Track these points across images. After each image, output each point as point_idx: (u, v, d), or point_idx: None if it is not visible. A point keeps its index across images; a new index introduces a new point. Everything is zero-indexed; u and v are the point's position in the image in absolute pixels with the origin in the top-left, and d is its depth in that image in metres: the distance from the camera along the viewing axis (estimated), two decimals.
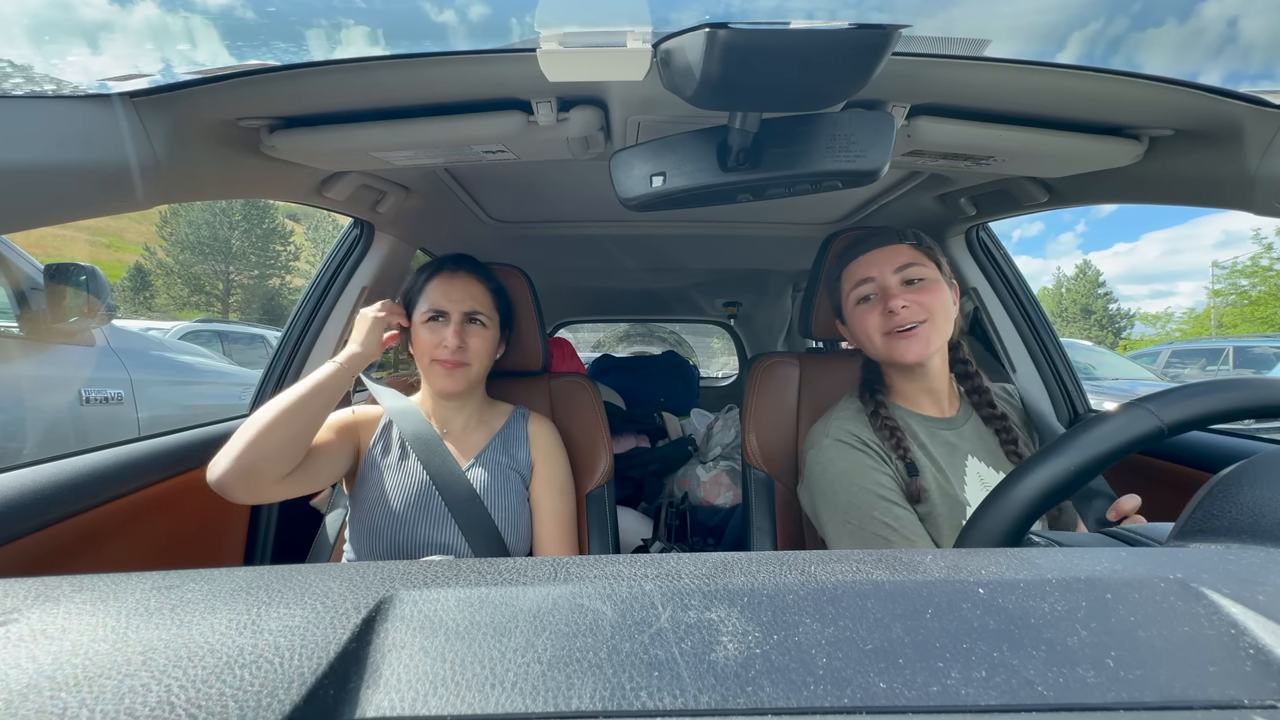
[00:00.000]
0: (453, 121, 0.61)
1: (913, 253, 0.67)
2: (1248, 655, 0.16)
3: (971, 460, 0.66)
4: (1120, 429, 0.32)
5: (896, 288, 0.66)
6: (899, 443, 0.65)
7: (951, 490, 0.63)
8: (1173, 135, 0.63)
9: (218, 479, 0.59)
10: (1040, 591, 0.19)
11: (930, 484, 0.63)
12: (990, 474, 0.66)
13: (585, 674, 0.16)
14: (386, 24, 2.44)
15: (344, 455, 0.72)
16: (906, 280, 0.66)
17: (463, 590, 0.19)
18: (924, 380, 0.69)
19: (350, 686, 0.16)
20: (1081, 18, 18.09)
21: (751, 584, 0.20)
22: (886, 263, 0.67)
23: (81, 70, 0.49)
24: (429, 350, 0.72)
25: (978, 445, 0.68)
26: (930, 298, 0.65)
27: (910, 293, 0.66)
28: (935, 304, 0.65)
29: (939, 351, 0.67)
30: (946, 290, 0.67)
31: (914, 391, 0.70)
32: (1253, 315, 18.14)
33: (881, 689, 0.16)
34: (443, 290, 0.74)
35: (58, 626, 0.17)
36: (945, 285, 0.67)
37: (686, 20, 0.40)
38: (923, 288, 0.66)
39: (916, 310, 0.65)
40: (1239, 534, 0.24)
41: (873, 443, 0.66)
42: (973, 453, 0.67)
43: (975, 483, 0.65)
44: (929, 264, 0.67)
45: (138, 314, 22.14)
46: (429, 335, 0.72)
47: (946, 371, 0.70)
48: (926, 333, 0.65)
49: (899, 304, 0.65)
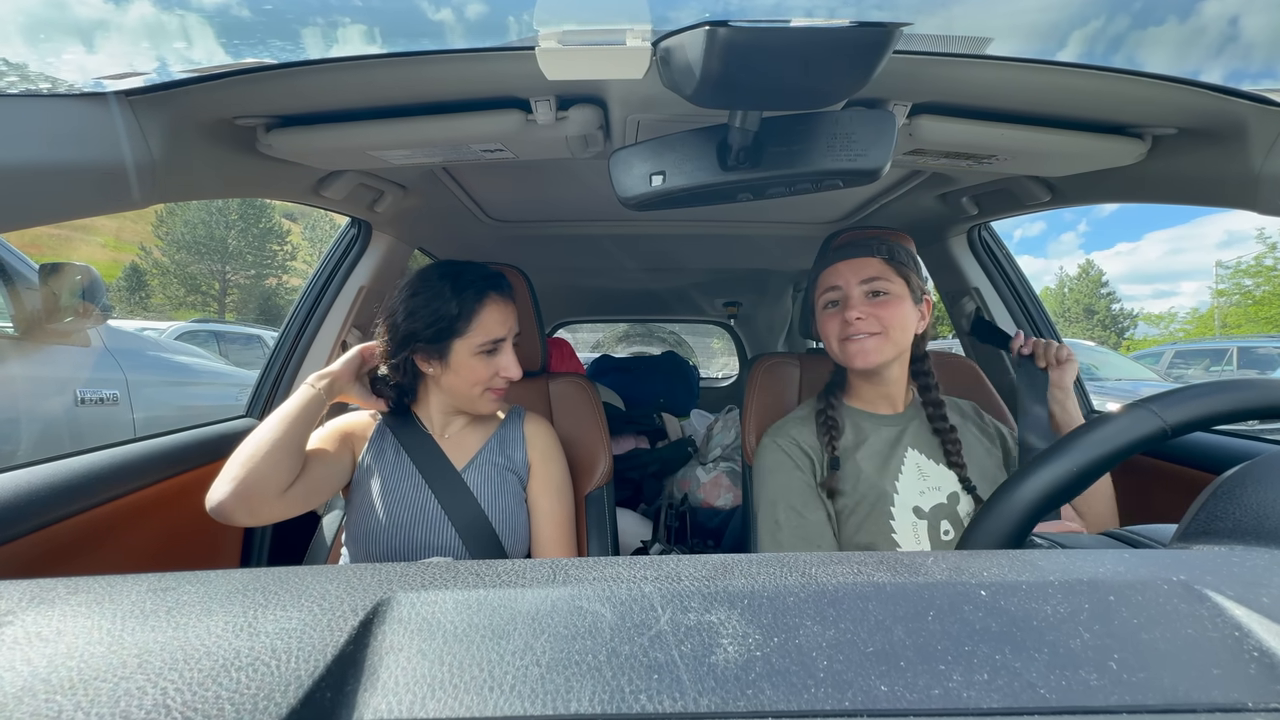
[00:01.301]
0: (451, 120, 0.61)
1: (881, 267, 0.70)
2: (1251, 658, 0.16)
3: (911, 452, 0.71)
4: (1123, 430, 0.32)
5: (858, 299, 0.70)
6: (830, 440, 0.72)
7: (880, 483, 0.69)
8: (1176, 134, 0.63)
9: (217, 505, 0.57)
10: (1043, 594, 0.19)
11: (855, 478, 0.70)
12: (930, 465, 0.71)
13: (584, 677, 0.16)
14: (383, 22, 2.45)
15: (342, 465, 0.71)
16: (870, 292, 0.70)
17: (461, 592, 0.19)
18: (881, 385, 0.74)
19: (348, 689, 0.16)
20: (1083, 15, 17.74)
21: (752, 586, 0.20)
22: (854, 274, 0.71)
23: (77, 69, 0.48)
24: (482, 380, 0.69)
25: (920, 439, 0.72)
26: (888, 312, 0.69)
27: (870, 305, 0.69)
28: (892, 319, 0.69)
29: (896, 361, 0.72)
30: (908, 306, 0.70)
31: (870, 393, 0.76)
32: (1257, 315, 18.11)
33: (883, 692, 0.15)
34: (499, 317, 0.69)
35: (53, 629, 0.17)
36: (909, 301, 0.70)
37: (686, 18, 0.40)
38: (883, 302, 0.69)
39: (872, 322, 0.69)
40: (1243, 536, 0.24)
41: (808, 446, 0.73)
42: (914, 445, 0.72)
43: (913, 471, 0.70)
44: (896, 280, 0.70)
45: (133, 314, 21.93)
46: (482, 364, 0.68)
47: (905, 377, 0.75)
48: (878, 344, 0.69)
49: (854, 315, 0.69)
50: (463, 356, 0.68)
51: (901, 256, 0.71)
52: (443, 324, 0.66)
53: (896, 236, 0.73)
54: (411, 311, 0.67)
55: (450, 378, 0.69)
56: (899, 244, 0.72)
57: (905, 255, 0.71)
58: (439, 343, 0.67)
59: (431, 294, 0.67)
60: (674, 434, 1.79)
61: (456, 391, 0.71)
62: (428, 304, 0.67)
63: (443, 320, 0.66)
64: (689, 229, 1.35)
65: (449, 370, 0.69)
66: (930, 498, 0.68)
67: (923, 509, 0.68)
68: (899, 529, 0.67)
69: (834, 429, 0.72)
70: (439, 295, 0.67)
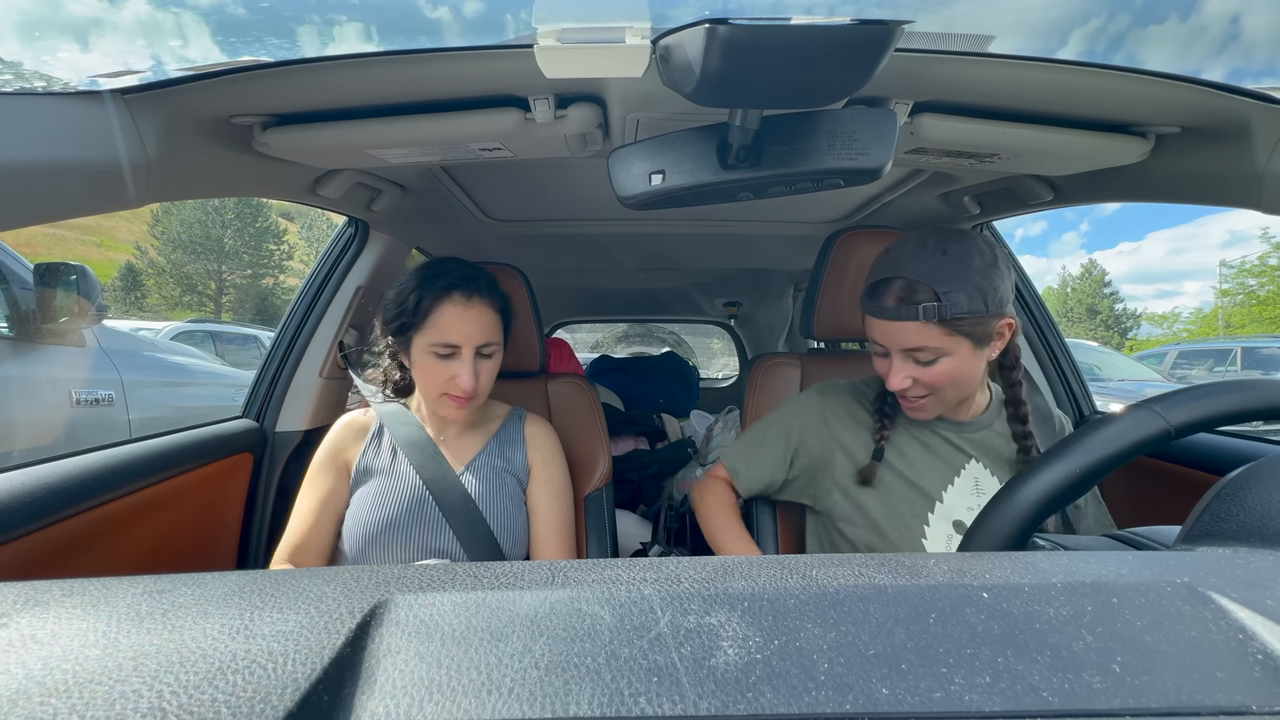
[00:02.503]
0: (449, 119, 0.61)
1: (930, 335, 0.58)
2: (1256, 660, 0.16)
3: (973, 464, 0.66)
4: (1126, 431, 0.32)
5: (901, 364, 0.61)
6: (882, 428, 0.68)
7: (924, 485, 0.65)
8: (1180, 133, 0.63)
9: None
10: (1045, 596, 0.19)
11: (896, 471, 0.66)
12: (990, 481, 0.66)
13: (583, 680, 0.16)
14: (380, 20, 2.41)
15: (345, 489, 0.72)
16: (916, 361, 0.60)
17: (459, 595, 0.19)
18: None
19: (345, 692, 0.16)
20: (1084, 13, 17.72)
21: (752, 588, 0.20)
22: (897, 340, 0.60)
23: (72, 67, 0.48)
24: (438, 383, 0.67)
25: (991, 450, 0.67)
26: (936, 376, 0.60)
27: (916, 369, 0.60)
28: (941, 379, 0.60)
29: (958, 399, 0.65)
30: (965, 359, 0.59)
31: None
32: (1261, 315, 18.02)
33: (884, 695, 0.15)
34: (455, 322, 0.65)
35: (48, 631, 0.17)
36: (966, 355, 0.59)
37: (686, 16, 0.40)
38: (930, 368, 0.60)
39: (918, 388, 0.62)
40: (1247, 537, 0.24)
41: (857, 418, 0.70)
42: (978, 457, 0.67)
43: (968, 483, 0.65)
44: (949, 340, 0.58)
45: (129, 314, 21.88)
46: (436, 367, 0.66)
47: (974, 392, 0.67)
48: (929, 404, 0.63)
49: (896, 381, 0.61)
50: (419, 353, 0.67)
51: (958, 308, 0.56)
52: (404, 317, 0.67)
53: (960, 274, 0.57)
54: (391, 300, 0.69)
55: (415, 373, 0.70)
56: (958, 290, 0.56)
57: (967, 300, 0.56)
58: (401, 335, 0.69)
59: (405, 284, 0.68)
60: (674, 435, 1.78)
61: (422, 389, 0.71)
62: (399, 294, 0.68)
63: (404, 313, 0.67)
64: (689, 228, 1.35)
65: (413, 365, 0.70)
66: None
67: (964, 524, 0.63)
68: (931, 536, 0.63)
69: (889, 418, 0.68)
70: (408, 286, 0.67)
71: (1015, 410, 0.65)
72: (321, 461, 0.73)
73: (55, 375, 1.62)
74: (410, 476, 0.70)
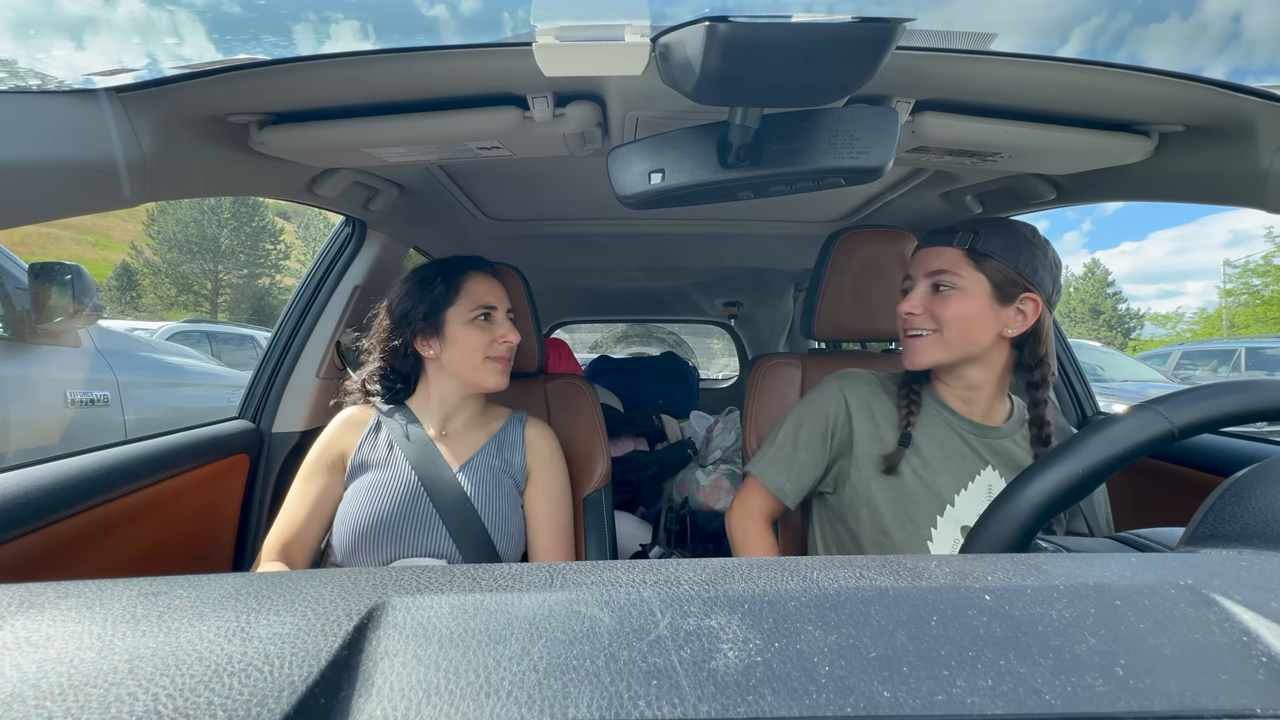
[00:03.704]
0: (446, 117, 0.61)
1: (955, 258, 0.62)
2: (1260, 663, 0.16)
3: (987, 471, 0.65)
4: (1129, 432, 0.32)
5: (920, 292, 0.64)
6: (909, 414, 0.66)
7: (938, 486, 0.64)
8: (1183, 131, 0.63)
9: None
10: (1048, 598, 0.19)
11: (911, 464, 0.65)
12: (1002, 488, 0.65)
13: (582, 682, 0.16)
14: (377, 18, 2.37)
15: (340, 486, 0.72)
16: (935, 285, 0.63)
17: (457, 597, 0.19)
18: (956, 384, 0.68)
19: (342, 695, 0.16)
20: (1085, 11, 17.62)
21: (752, 590, 0.19)
22: (924, 264, 0.65)
23: (67, 65, 0.48)
24: (481, 348, 0.72)
25: (1003, 459, 0.66)
26: (946, 309, 0.62)
27: (930, 300, 0.63)
28: (949, 316, 0.62)
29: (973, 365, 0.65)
30: (980, 304, 0.61)
31: (947, 388, 0.69)
32: (1265, 315, 17.89)
33: (885, 698, 0.15)
34: (486, 287, 0.74)
35: (42, 634, 0.17)
36: (982, 299, 0.61)
37: (685, 13, 0.40)
38: (944, 297, 0.62)
39: (925, 319, 0.63)
40: (1251, 539, 0.24)
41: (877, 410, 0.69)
42: (994, 464, 0.66)
43: (981, 490, 0.65)
44: (973, 274, 0.61)
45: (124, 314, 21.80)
46: (479, 334, 0.72)
47: (992, 385, 0.66)
48: (928, 344, 0.63)
49: (905, 308, 0.65)
50: (457, 326, 0.72)
51: (990, 246, 0.61)
52: (434, 299, 0.72)
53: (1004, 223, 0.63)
54: (405, 294, 0.73)
55: (451, 352, 0.72)
56: (995, 231, 0.62)
57: (1000, 244, 0.61)
58: (432, 317, 0.72)
59: (420, 280, 0.74)
60: (673, 436, 1.78)
61: (460, 366, 0.73)
62: (417, 287, 0.73)
63: (433, 297, 0.72)
64: (688, 228, 1.35)
65: (448, 345, 0.72)
66: None
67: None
68: (937, 539, 0.63)
69: (916, 404, 0.67)
70: (427, 280, 0.73)
71: (1039, 431, 0.65)
72: (317, 456, 0.73)
73: (50, 376, 1.61)
74: (405, 471, 0.70)
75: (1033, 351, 0.64)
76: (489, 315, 0.73)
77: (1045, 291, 0.62)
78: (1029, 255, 0.61)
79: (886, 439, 0.67)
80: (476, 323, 0.72)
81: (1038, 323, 0.62)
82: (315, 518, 0.70)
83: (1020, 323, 0.62)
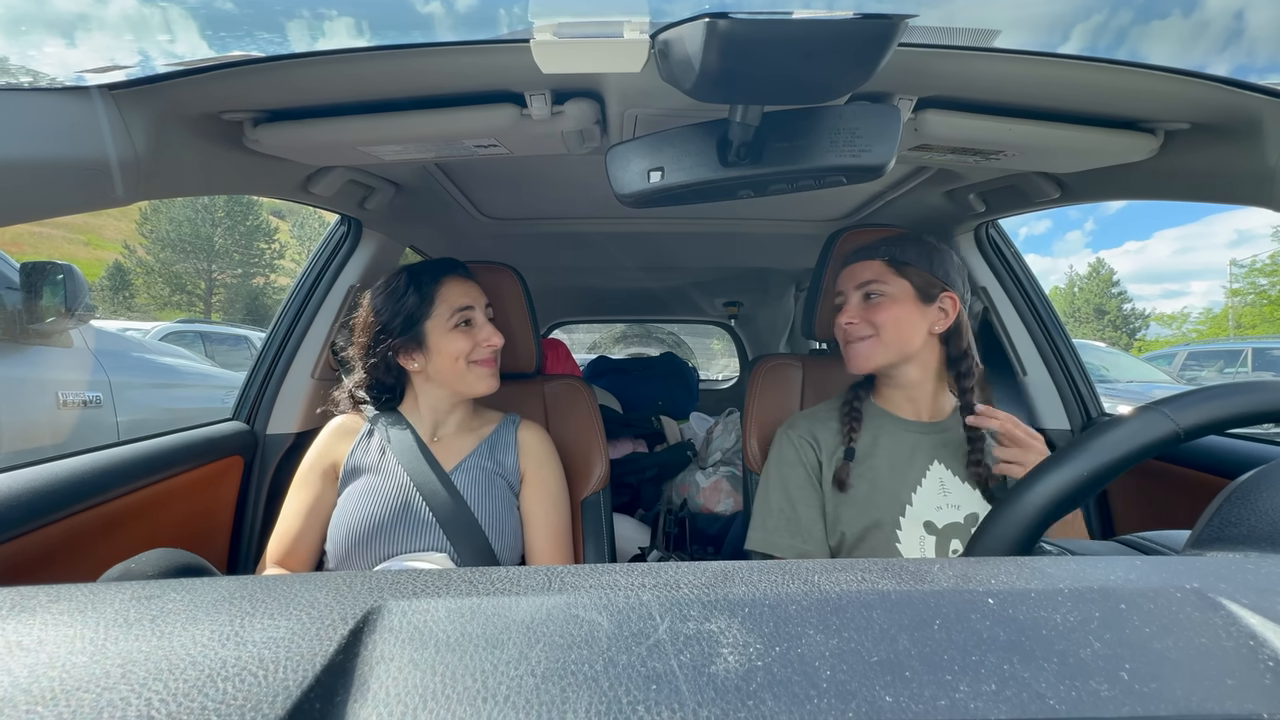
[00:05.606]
0: (443, 115, 0.60)
1: (879, 269, 0.71)
2: (1266, 667, 0.16)
3: (937, 465, 0.70)
4: (1134, 433, 0.31)
5: (854, 304, 0.72)
6: (850, 431, 0.72)
7: (894, 489, 0.68)
8: (1189, 129, 0.62)
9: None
10: (1052, 602, 0.19)
11: (869, 478, 0.69)
12: (956, 482, 0.69)
13: (580, 687, 0.16)
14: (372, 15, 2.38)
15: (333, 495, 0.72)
16: (865, 295, 0.71)
17: (453, 600, 0.19)
18: (897, 387, 0.74)
19: (337, 700, 0.15)
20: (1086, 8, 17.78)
21: (753, 594, 0.19)
22: (854, 278, 0.72)
23: (59, 62, 0.48)
24: (464, 352, 0.70)
25: (950, 452, 0.71)
26: (880, 315, 0.69)
27: (864, 309, 0.71)
28: (884, 320, 0.69)
29: (908, 363, 0.71)
30: (907, 307, 0.69)
31: (890, 394, 0.75)
32: (1272, 315, 17.77)
33: (887, 703, 0.15)
34: (461, 290, 0.72)
35: (34, 638, 0.17)
36: (909, 302, 0.69)
37: (685, 10, 0.40)
38: (876, 305, 0.70)
39: (863, 326, 0.70)
40: (1258, 542, 0.23)
41: (821, 440, 0.74)
42: (944, 458, 0.70)
43: (934, 485, 0.69)
44: (895, 280, 0.70)
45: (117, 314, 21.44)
46: (461, 339, 0.70)
47: (931, 380, 0.73)
48: (870, 348, 0.70)
49: (844, 319, 0.72)
50: (438, 335, 0.70)
51: (906, 255, 0.70)
52: (408, 312, 0.70)
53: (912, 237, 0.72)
54: (377, 310, 0.72)
55: (435, 362, 0.72)
56: (908, 243, 0.71)
57: (915, 253, 0.70)
58: (410, 330, 0.71)
59: (390, 293, 0.72)
60: (673, 437, 1.78)
61: (446, 374, 0.72)
62: (388, 302, 0.71)
63: (407, 309, 0.70)
64: (688, 227, 1.34)
65: (431, 355, 0.71)
66: (946, 515, 0.67)
67: (935, 524, 0.66)
68: (904, 540, 0.66)
69: (856, 419, 0.73)
70: (397, 291, 0.71)
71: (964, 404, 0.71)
72: (310, 464, 0.73)
73: (41, 377, 1.60)
74: (399, 474, 0.70)
75: (957, 345, 0.71)
76: (469, 320, 0.71)
77: (958, 290, 0.71)
78: (940, 260, 0.71)
79: (837, 458, 0.72)
80: (458, 330, 0.70)
81: (958, 318, 0.70)
82: (311, 527, 0.70)
83: (944, 320, 0.70)
